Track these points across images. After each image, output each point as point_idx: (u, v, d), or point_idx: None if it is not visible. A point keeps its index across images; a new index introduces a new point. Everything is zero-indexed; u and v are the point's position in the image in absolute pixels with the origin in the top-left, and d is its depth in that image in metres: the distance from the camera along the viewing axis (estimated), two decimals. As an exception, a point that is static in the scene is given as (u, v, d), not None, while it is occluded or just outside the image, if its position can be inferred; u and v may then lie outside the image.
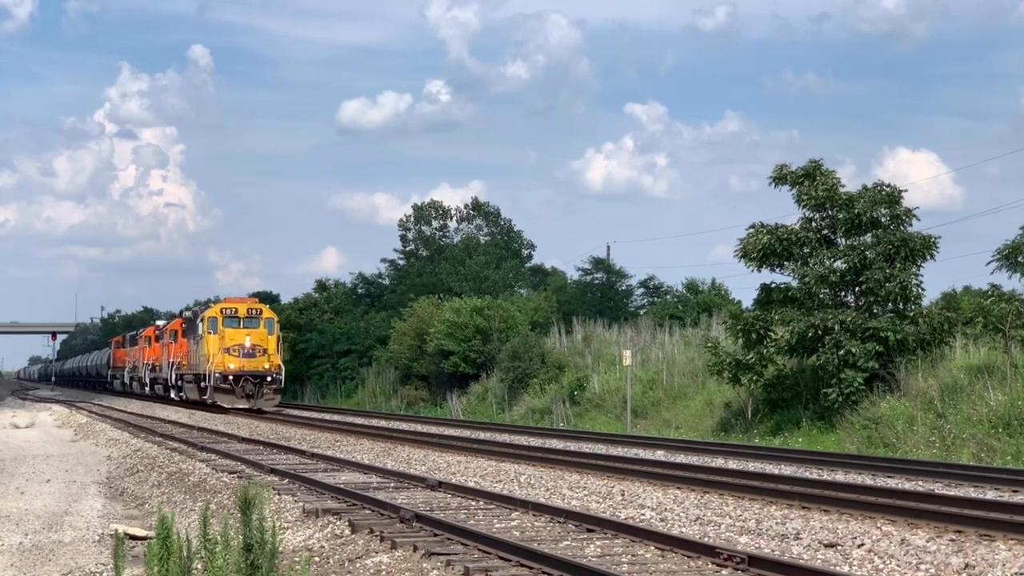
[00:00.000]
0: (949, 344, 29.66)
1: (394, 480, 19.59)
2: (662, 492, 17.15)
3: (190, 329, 54.95)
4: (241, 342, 48.95)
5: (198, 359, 51.65)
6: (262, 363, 48.74)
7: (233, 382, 48.39)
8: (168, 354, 60.23)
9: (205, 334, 50.00)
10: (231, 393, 48.35)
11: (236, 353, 48.80)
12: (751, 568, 10.80)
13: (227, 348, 48.81)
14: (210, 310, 51.75)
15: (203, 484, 20.46)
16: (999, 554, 11.54)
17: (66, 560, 14.47)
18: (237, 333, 49.25)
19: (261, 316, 50.52)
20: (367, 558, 12.55)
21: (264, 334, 49.69)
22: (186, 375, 54.87)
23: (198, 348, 51.50)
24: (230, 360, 48.68)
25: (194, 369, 52.73)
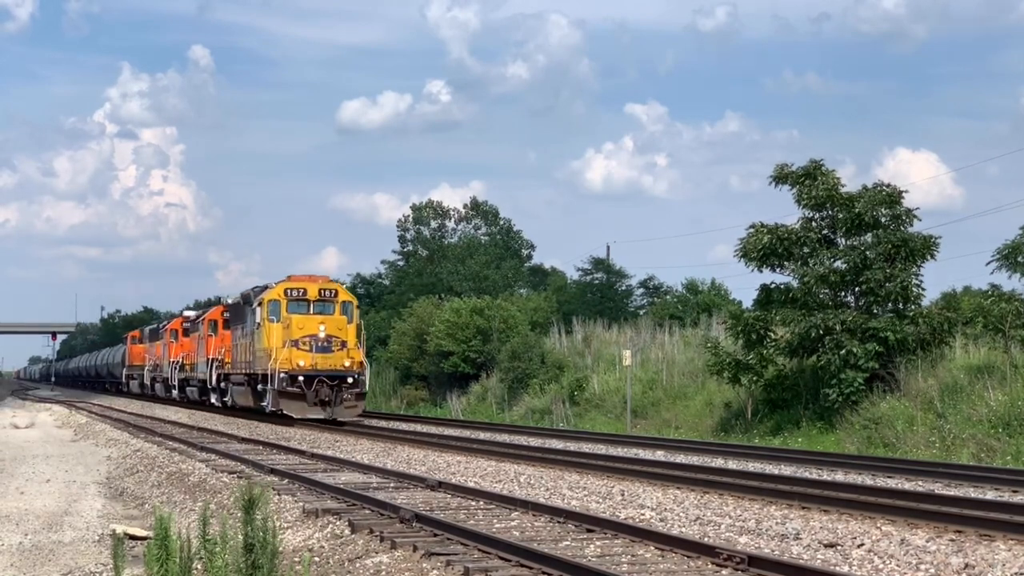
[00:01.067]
0: (949, 344, 29.66)
1: (394, 480, 19.59)
2: (662, 492, 17.15)
3: (236, 317, 45.35)
4: (313, 332, 38.06)
5: (252, 355, 41.41)
6: (341, 359, 38.15)
7: (304, 384, 37.61)
8: (205, 350, 50.75)
9: (264, 322, 39.33)
10: (300, 399, 37.60)
11: (307, 347, 38.03)
12: (751, 568, 10.80)
13: (295, 340, 37.89)
14: (270, 291, 40.30)
15: (203, 484, 20.46)
16: (999, 554, 11.54)
17: (66, 560, 14.47)
18: (308, 321, 38.34)
19: (336, 299, 39.82)
20: (367, 558, 12.56)
21: (342, 322, 38.82)
22: (234, 375, 44.95)
23: (253, 341, 41.10)
24: (300, 356, 37.85)
25: (246, 368, 42.65)
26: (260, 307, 40.00)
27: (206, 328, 50.84)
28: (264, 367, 39.10)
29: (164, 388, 63.24)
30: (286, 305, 39.19)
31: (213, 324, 49.87)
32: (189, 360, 56.30)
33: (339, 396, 37.58)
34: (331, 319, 38.63)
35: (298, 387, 37.53)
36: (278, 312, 39.13)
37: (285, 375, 37.66)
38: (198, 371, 53.35)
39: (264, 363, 39.07)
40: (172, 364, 59.59)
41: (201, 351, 52.32)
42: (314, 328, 38.06)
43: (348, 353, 38.17)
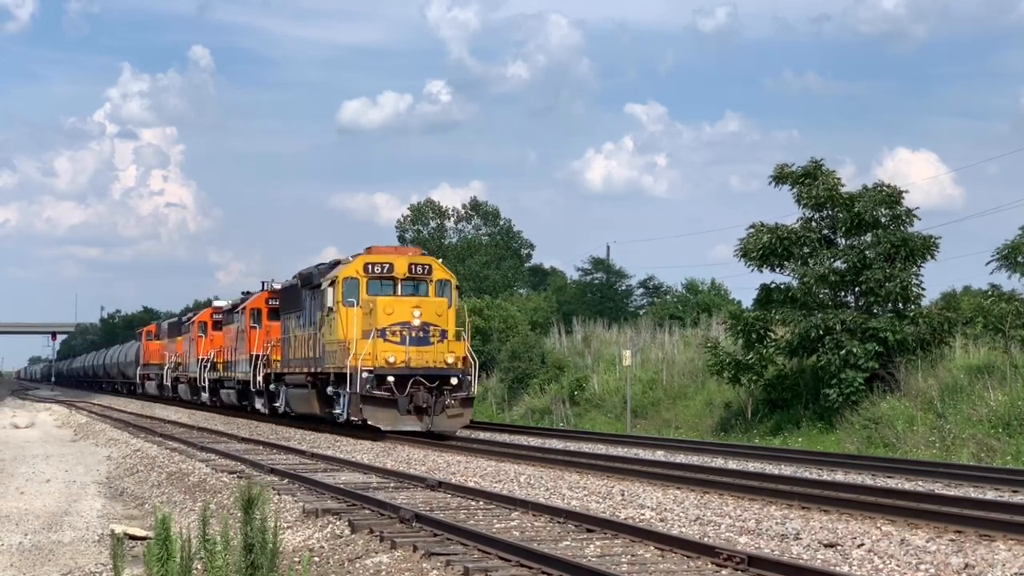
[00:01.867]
0: (949, 344, 29.66)
1: (394, 480, 19.59)
2: (662, 492, 17.15)
3: (290, 303, 37.44)
4: (405, 318, 30.01)
5: (317, 349, 33.57)
6: (441, 354, 29.94)
7: (396, 387, 29.54)
8: (247, 344, 42.52)
9: (338, 307, 31.39)
10: (390, 406, 29.49)
11: (397, 338, 29.93)
12: (751, 568, 10.79)
13: (381, 330, 29.85)
14: (344, 267, 32.14)
15: (203, 484, 20.46)
16: (999, 554, 11.54)
17: (66, 560, 14.47)
18: (397, 304, 30.36)
19: (431, 276, 31.63)
20: (367, 558, 12.55)
21: (441, 305, 30.80)
22: (290, 376, 37.25)
23: (319, 332, 33.29)
24: (388, 349, 29.76)
25: (307, 366, 34.77)
26: (332, 288, 31.70)
27: (247, 319, 42.82)
28: (338, 364, 31.19)
29: (190, 390, 55.15)
30: (366, 285, 31.24)
31: (256, 314, 42.31)
32: (222, 357, 48.57)
33: (440, 402, 29.53)
34: (427, 302, 30.69)
35: (387, 390, 29.47)
36: (356, 293, 31.19)
37: (370, 374, 29.61)
38: (236, 370, 45.09)
39: (337, 359, 31.34)
40: (201, 362, 51.64)
41: (240, 346, 44.21)
42: (406, 313, 30.07)
43: (449, 346, 30.18)
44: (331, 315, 31.81)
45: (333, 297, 31.61)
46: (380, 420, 29.60)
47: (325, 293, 32.28)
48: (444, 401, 29.58)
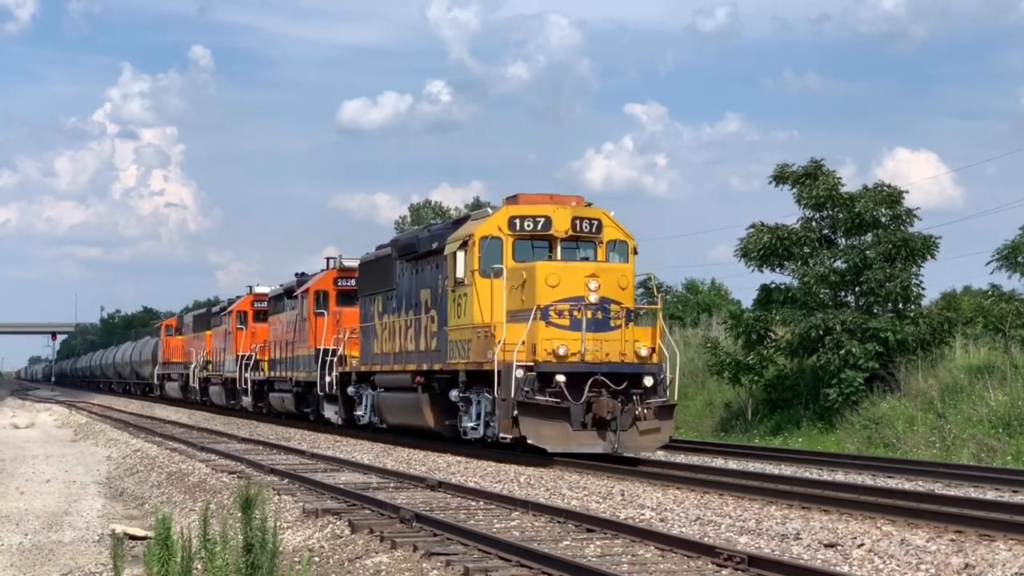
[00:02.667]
0: (949, 344, 29.66)
1: (394, 480, 19.59)
2: (662, 492, 17.15)
3: (377, 279, 29.41)
4: (578, 292, 21.74)
5: (435, 339, 25.33)
6: (630, 344, 21.84)
7: (568, 389, 21.37)
8: (312, 336, 34.51)
9: (472, 277, 23.22)
10: (560, 417, 21.34)
11: (566, 320, 21.76)
12: (751, 568, 10.79)
13: (544, 308, 21.66)
14: (481, 224, 23.70)
15: (203, 484, 20.46)
16: (999, 554, 11.53)
17: (66, 560, 14.47)
18: (565, 272, 22.01)
19: (601, 236, 23.54)
20: (367, 558, 12.55)
21: (625, 273, 22.60)
22: (383, 376, 28.77)
23: (432, 315, 25.44)
24: (556, 337, 21.64)
25: (417, 362, 26.35)
26: (464, 252, 23.14)
27: (309, 305, 35.22)
28: (473, 359, 23.03)
29: (225, 393, 47.36)
30: (512, 246, 23.11)
31: (322, 298, 34.91)
32: (268, 354, 41.14)
33: (629, 411, 21.49)
34: (607, 269, 22.37)
35: (554, 394, 21.34)
36: (499, 256, 22.97)
37: (529, 373, 21.50)
38: (293, 369, 37.06)
39: (472, 351, 23.10)
40: (241, 360, 43.74)
41: (300, 339, 36.30)
42: (577, 285, 21.62)
43: (637, 331, 22.17)
44: (459, 291, 23.63)
45: (465, 265, 23.13)
46: (545, 438, 21.24)
47: (451, 260, 23.74)
48: (635, 410, 21.42)
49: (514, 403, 21.58)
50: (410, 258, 27.23)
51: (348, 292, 34.04)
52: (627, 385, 21.64)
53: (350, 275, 34.06)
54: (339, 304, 34.29)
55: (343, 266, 34.90)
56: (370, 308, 30.36)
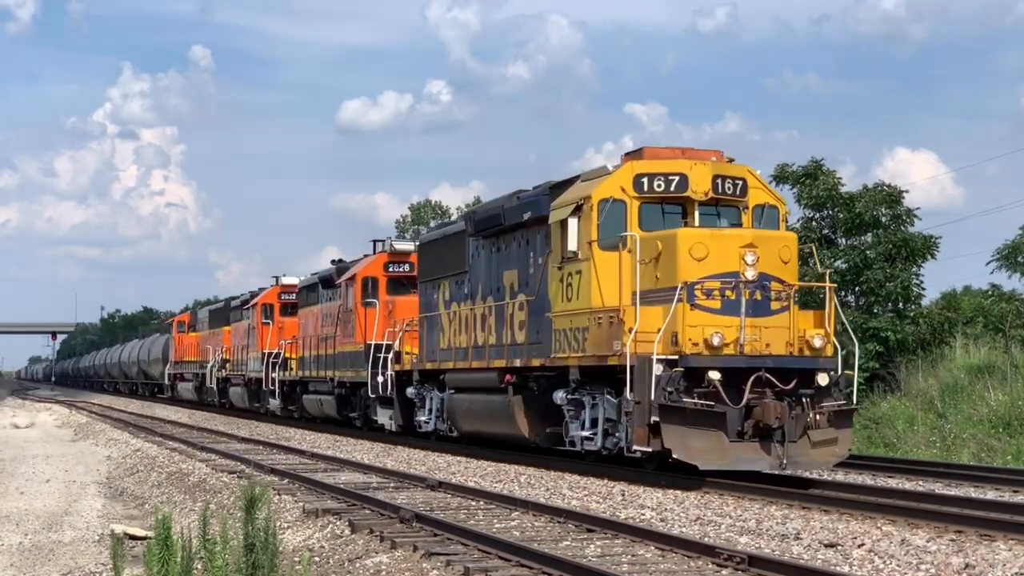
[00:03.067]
0: (949, 344, 29.68)
1: (394, 480, 19.59)
2: (662, 492, 17.14)
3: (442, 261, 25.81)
4: (731, 266, 17.58)
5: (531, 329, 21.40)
6: (798, 332, 17.87)
7: (723, 388, 17.12)
8: (359, 330, 30.58)
9: (589, 251, 18.98)
10: (714, 425, 17.13)
11: (717, 301, 17.57)
12: (751, 568, 10.79)
13: (690, 286, 17.40)
14: (597, 183, 19.29)
15: (203, 484, 20.46)
16: (999, 554, 11.53)
17: (66, 560, 14.47)
18: (714, 241, 17.85)
19: (745, 199, 19.31)
20: (367, 558, 12.55)
21: (785, 243, 18.36)
22: (457, 375, 24.64)
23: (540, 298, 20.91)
24: (706, 323, 17.40)
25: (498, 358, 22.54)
26: (576, 219, 18.93)
27: (356, 295, 31.00)
28: (593, 350, 18.60)
29: (248, 394, 43.59)
30: (639, 211, 18.83)
31: (370, 286, 30.86)
32: (298, 351, 37.35)
33: (800, 418, 17.42)
34: (767, 239, 18.08)
35: (706, 396, 17.14)
36: (622, 223, 18.70)
37: (671, 369, 17.23)
38: (336, 368, 32.68)
39: (588, 343, 18.75)
40: (267, 358, 39.77)
41: (344, 333, 32.20)
42: (730, 257, 17.54)
43: (799, 316, 18.04)
44: (570, 268, 19.29)
45: (579, 235, 18.89)
46: (695, 452, 17.03)
47: (558, 230, 19.58)
48: (807, 416, 17.39)
49: (653, 407, 17.08)
50: (490, 234, 23.19)
51: (401, 279, 30.58)
52: (795, 383, 17.41)
53: (403, 259, 30.75)
54: (391, 293, 30.56)
55: (395, 249, 31.18)
56: (433, 295, 26.33)
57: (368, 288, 30.94)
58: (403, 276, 30.68)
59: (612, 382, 18.40)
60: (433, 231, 28.46)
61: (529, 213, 21.41)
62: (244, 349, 44.43)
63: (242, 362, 44.72)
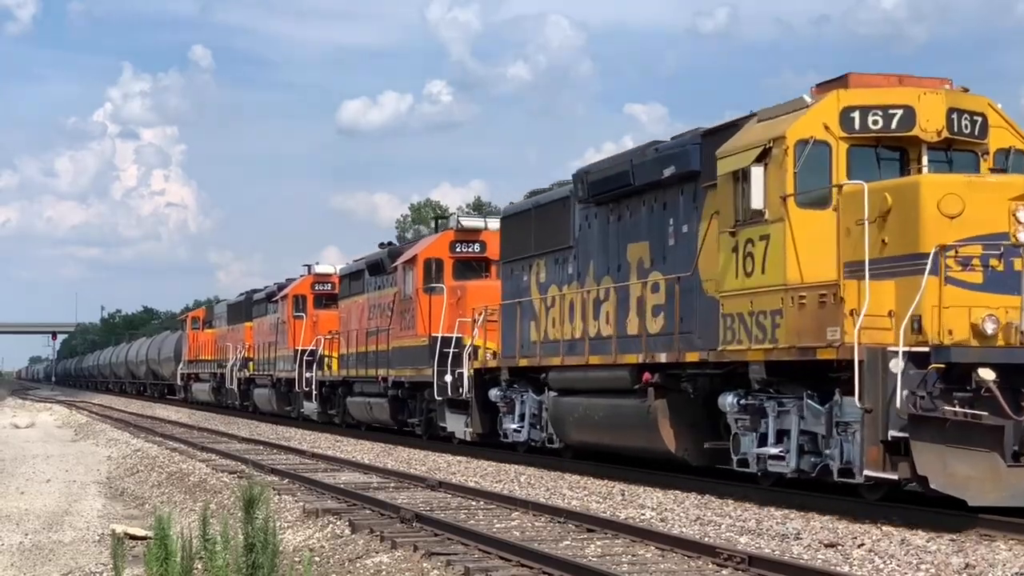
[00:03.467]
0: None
1: (394, 480, 19.59)
2: (662, 492, 17.14)
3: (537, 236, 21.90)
4: (997, 226, 13.32)
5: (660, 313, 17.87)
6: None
7: (1002, 393, 12.71)
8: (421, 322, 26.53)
9: (778, 205, 14.70)
10: (987, 443, 12.96)
11: (978, 275, 13.29)
12: (751, 568, 10.79)
13: (935, 255, 13.13)
14: (788, 121, 14.94)
15: (203, 484, 20.47)
16: (999, 554, 11.53)
17: (66, 560, 14.47)
18: (968, 190, 13.44)
19: (986, 140, 15.16)
20: (367, 558, 12.55)
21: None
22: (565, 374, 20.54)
23: (692, 275, 16.93)
24: (966, 303, 13.20)
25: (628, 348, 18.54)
26: (764, 165, 15.00)
27: (416, 279, 26.59)
28: (789, 339, 14.58)
29: (276, 397, 39.20)
30: (847, 156, 14.91)
31: (433, 269, 26.45)
32: (336, 348, 33.39)
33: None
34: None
35: (974, 400, 13.08)
36: (825, 171, 14.87)
37: (914, 364, 13.22)
38: (390, 366, 28.38)
39: (787, 328, 14.61)
40: (300, 356, 35.40)
41: (402, 325, 27.59)
42: (993, 214, 13.55)
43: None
44: (749, 232, 15.28)
45: (764, 187, 14.89)
46: (961, 481, 13.21)
47: (729, 185, 15.64)
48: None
49: (895, 417, 13.14)
50: (607, 198, 19.25)
51: (470, 260, 26.79)
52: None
53: (471, 238, 26.81)
54: (459, 277, 26.36)
55: (462, 226, 26.91)
56: (522, 278, 22.33)
57: (431, 272, 26.55)
58: (473, 258, 26.77)
59: (816, 382, 14.53)
60: (521, 202, 23.44)
61: (672, 168, 17.36)
62: (271, 346, 40.23)
63: (268, 361, 40.37)
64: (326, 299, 36.95)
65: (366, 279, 31.77)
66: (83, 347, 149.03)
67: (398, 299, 28.47)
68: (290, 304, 38.04)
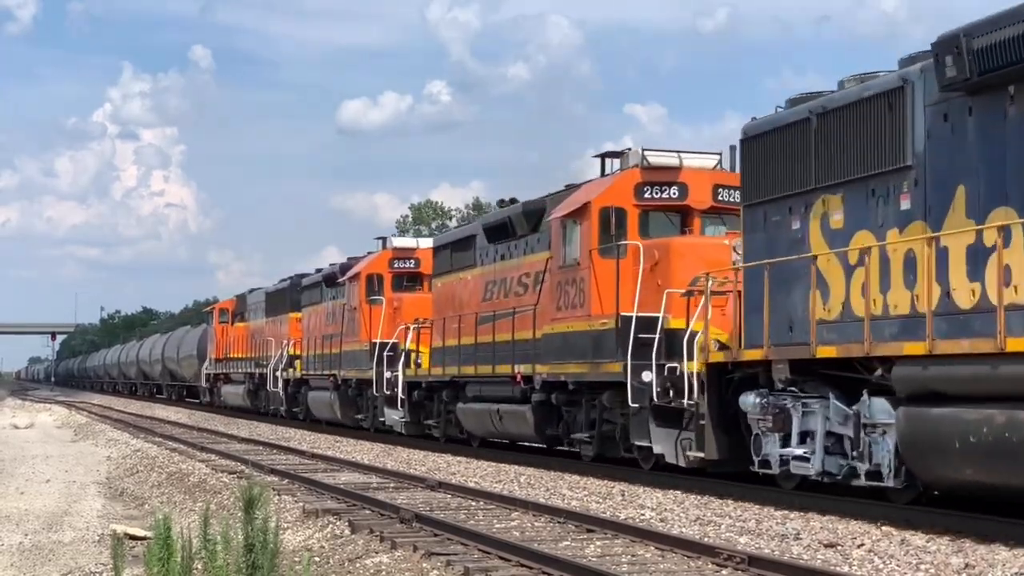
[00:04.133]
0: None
1: (394, 480, 19.59)
2: (662, 492, 17.15)
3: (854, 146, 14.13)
4: None
5: None
6: None
7: None
8: (593, 296, 19.09)
9: None
10: None
11: None
12: (751, 568, 10.79)
13: None
14: None
15: (203, 484, 20.46)
16: (999, 554, 11.53)
17: (66, 560, 14.46)
18: None
19: None
20: (367, 558, 12.55)
21: None
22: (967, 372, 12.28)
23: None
24: None
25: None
26: None
27: (591, 237, 19.28)
28: None
29: (342, 402, 32.21)
30: None
31: (614, 221, 19.08)
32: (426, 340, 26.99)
33: None
34: None
35: None
36: None
37: None
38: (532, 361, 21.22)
39: None
40: (376, 352, 28.44)
41: (571, 301, 19.84)
42: None
43: None
44: None
45: None
46: None
47: None
48: None
49: None
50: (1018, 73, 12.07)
51: (664, 208, 19.42)
52: None
53: (664, 180, 19.26)
54: (647, 232, 19.06)
55: (648, 163, 19.30)
56: (782, 227, 15.63)
57: (607, 227, 18.97)
58: (669, 206, 19.53)
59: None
60: (787, 111, 15.78)
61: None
62: (330, 340, 33.35)
63: (327, 358, 33.57)
64: (407, 279, 30.83)
65: (477, 248, 24.47)
66: (82, 347, 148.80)
67: (555, 268, 20.60)
68: (362, 286, 30.82)
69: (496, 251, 23.84)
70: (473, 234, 25.30)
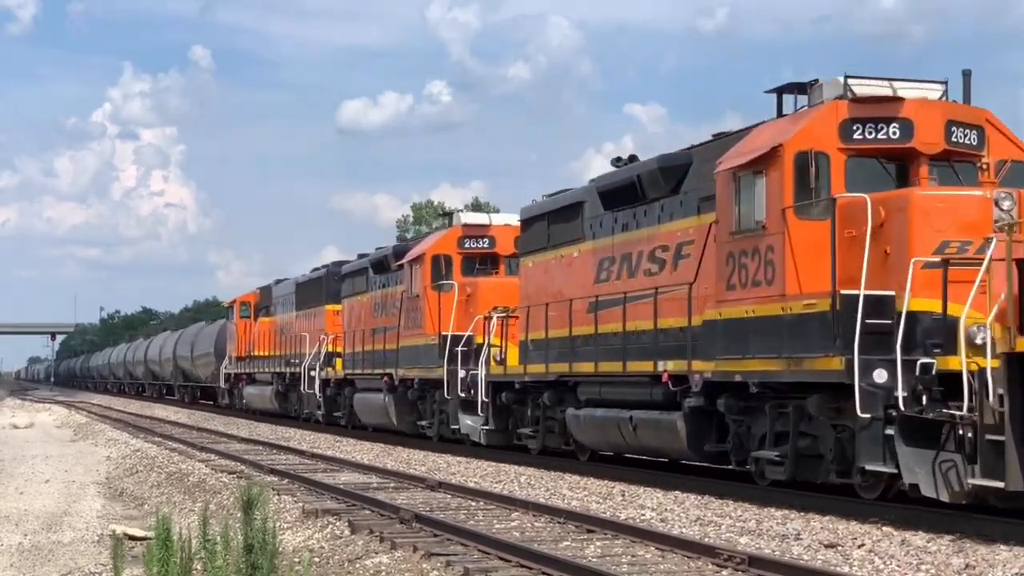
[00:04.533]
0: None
1: (394, 480, 19.58)
2: (662, 493, 17.14)
3: None
4: None
5: None
6: None
7: None
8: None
9: None
10: None
11: None
12: (751, 568, 10.78)
13: None
14: None
15: (203, 484, 20.45)
16: (999, 554, 11.52)
17: (65, 560, 14.46)
18: None
19: None
20: (367, 558, 12.54)
21: None
22: None
23: None
24: None
25: None
26: None
27: (782, 180, 14.66)
28: None
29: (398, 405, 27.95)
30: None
31: (821, 167, 14.58)
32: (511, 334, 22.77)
33: None
34: None
35: None
36: None
37: None
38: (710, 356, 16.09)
39: None
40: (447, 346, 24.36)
41: (759, 276, 15.09)
42: None
43: None
44: None
45: None
46: None
47: None
48: None
49: None
50: None
51: (880, 152, 15.01)
52: None
53: (881, 115, 14.85)
54: (855, 185, 14.61)
55: (854, 94, 15.01)
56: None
57: (809, 173, 14.67)
58: (886, 148, 15.01)
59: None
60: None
61: None
62: (383, 334, 28.95)
63: (378, 355, 29.31)
64: (479, 261, 26.53)
65: (589, 216, 20.43)
66: (82, 348, 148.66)
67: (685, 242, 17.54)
68: (427, 270, 26.27)
69: (616, 220, 19.57)
70: (580, 200, 20.81)
